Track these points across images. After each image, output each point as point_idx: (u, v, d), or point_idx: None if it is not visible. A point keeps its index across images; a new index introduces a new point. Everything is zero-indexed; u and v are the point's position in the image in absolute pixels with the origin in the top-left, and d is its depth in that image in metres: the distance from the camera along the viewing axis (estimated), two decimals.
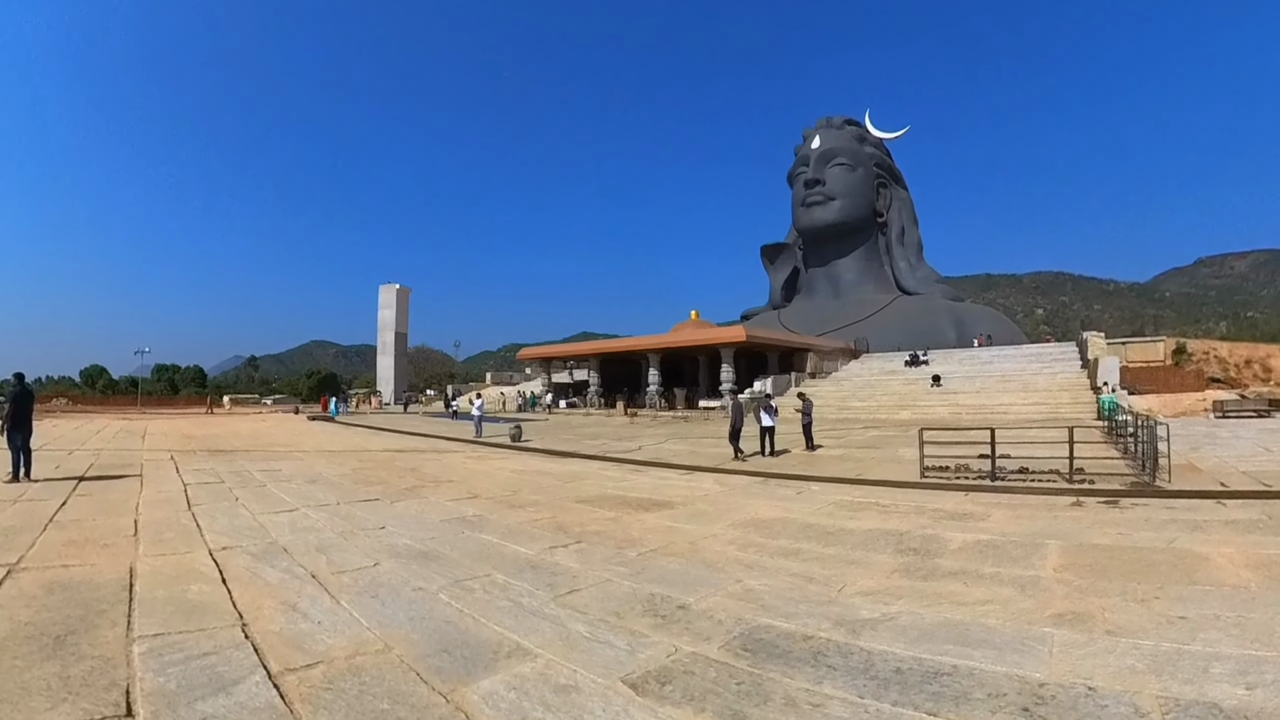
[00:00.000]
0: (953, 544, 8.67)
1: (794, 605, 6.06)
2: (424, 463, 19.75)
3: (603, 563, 7.69)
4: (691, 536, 9.24)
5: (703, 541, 8.92)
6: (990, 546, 8.46)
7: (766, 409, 20.49)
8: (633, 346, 53.89)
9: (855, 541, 8.92)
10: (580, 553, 8.22)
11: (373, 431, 35.65)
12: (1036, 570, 7.24)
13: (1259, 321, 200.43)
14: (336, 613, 5.73)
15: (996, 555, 8.01)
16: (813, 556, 8.09)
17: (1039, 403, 32.35)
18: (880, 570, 7.41)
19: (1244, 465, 14.96)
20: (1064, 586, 6.56)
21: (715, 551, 8.33)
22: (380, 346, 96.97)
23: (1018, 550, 8.22)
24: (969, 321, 67.71)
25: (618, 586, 6.69)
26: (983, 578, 6.99)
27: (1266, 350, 49.67)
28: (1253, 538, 8.52)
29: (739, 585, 6.75)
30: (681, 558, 7.99)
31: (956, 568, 7.45)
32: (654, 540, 8.97)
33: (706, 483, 15.24)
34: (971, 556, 7.99)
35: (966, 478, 14.41)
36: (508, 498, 12.90)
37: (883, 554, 8.17)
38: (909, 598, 6.30)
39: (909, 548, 8.49)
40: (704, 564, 7.67)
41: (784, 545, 8.73)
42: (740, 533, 9.53)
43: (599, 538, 9.14)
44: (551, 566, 7.50)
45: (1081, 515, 10.51)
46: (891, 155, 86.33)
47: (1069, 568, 7.30)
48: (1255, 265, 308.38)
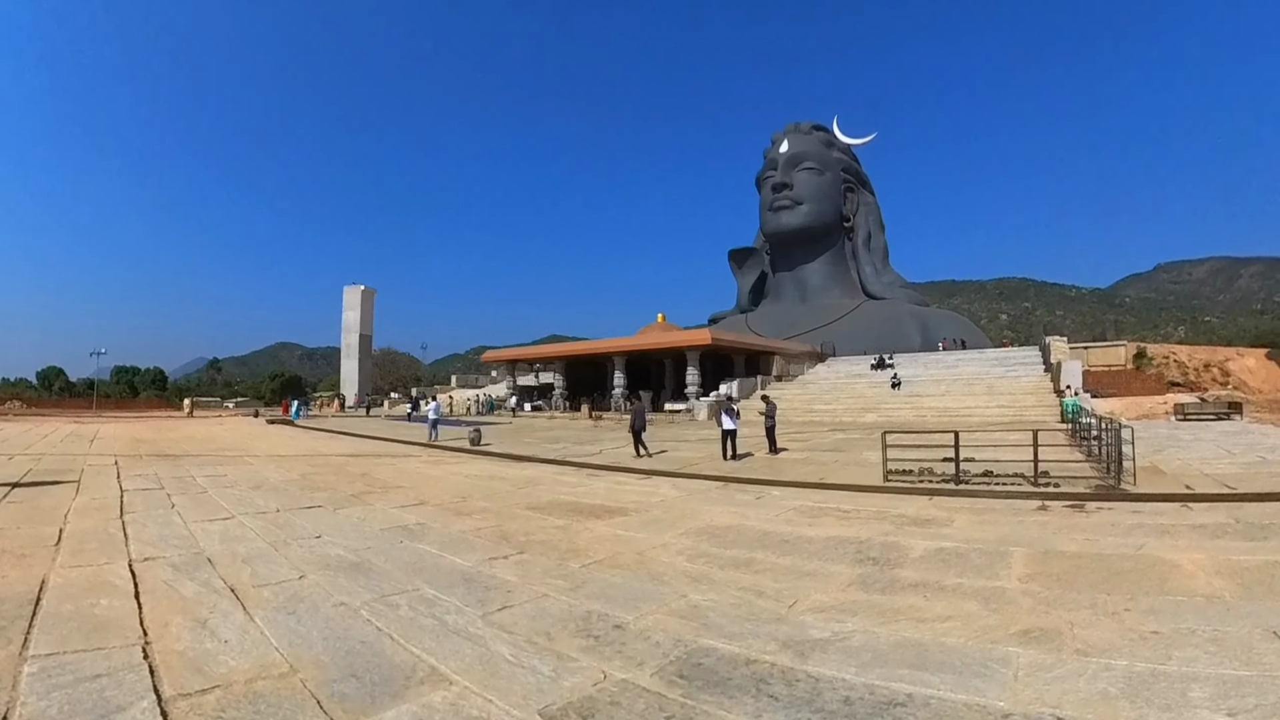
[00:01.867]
0: (914, 552, 8.24)
1: (740, 624, 5.62)
2: (377, 468, 19.15)
3: (542, 576, 7.24)
4: (641, 546, 8.80)
5: (651, 552, 8.48)
6: (953, 555, 8.04)
7: (728, 412, 20.04)
8: (598, 349, 53.33)
9: (812, 550, 8.48)
10: (520, 564, 7.78)
11: (331, 435, 34.91)
12: (1001, 581, 6.83)
13: (1215, 326, 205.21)
14: (247, 631, 5.33)
15: (960, 564, 7.58)
16: (766, 568, 7.64)
17: (1003, 406, 32.32)
18: (836, 582, 6.94)
19: (1207, 468, 14.78)
20: (1030, 599, 6.14)
21: (663, 563, 7.89)
22: (344, 349, 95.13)
23: (982, 559, 7.81)
24: (934, 326, 68.10)
25: (554, 603, 6.24)
26: (944, 590, 6.54)
27: (1224, 354, 50.50)
28: (1222, 543, 8.20)
29: (683, 601, 6.31)
30: (626, 570, 7.56)
31: (917, 579, 6.99)
32: (600, 550, 8.53)
33: (664, 488, 14.77)
34: (933, 566, 7.56)
35: (931, 481, 14.05)
36: (456, 504, 12.41)
37: (840, 564, 7.74)
38: (865, 614, 5.84)
39: (868, 557, 8.02)
40: (649, 577, 7.22)
41: (737, 555, 8.28)
42: (692, 542, 9.07)
43: (543, 548, 8.71)
44: (487, 580, 7.06)
45: (1047, 520, 10.16)
46: (859, 161, 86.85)
47: (1035, 577, 6.89)
48: (1212, 272, 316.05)
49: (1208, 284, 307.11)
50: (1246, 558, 7.37)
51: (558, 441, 27.10)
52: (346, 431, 36.75)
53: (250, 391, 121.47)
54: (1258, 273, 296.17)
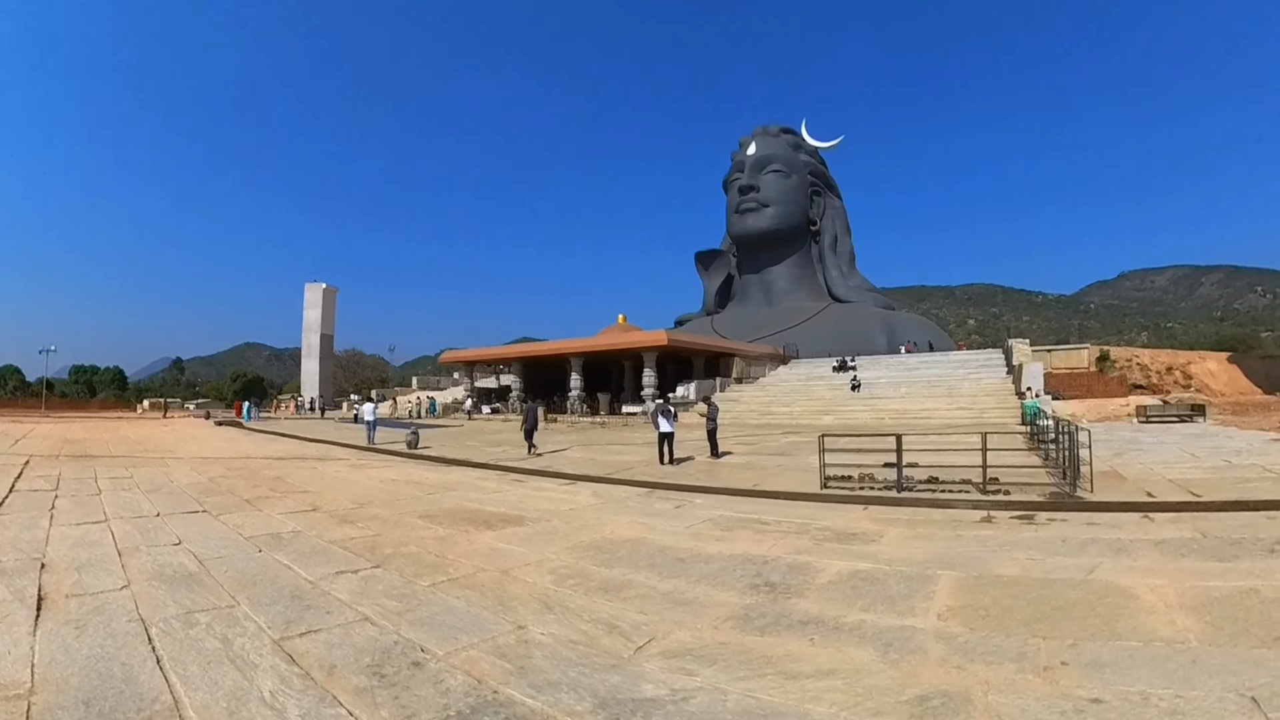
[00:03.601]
0: (823, 576, 6.94)
1: (565, 669, 4.58)
2: (296, 471, 18.18)
3: (380, 595, 6.42)
4: (514, 562, 7.84)
5: (521, 569, 7.48)
6: (868, 580, 6.74)
7: (665, 414, 18.75)
8: (555, 350, 51.78)
9: (704, 572, 7.26)
10: (366, 580, 6.98)
11: (273, 437, 33.62)
12: (915, 618, 5.53)
13: (1177, 332, 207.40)
14: (20, 644, 4.93)
15: (871, 593, 6.30)
16: (640, 593, 6.49)
17: (964, 408, 31.29)
18: (713, 616, 5.72)
19: (1170, 473, 13.68)
20: (944, 645, 4.82)
21: (525, 584, 6.90)
22: (305, 349, 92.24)
23: (901, 585, 6.52)
24: (899, 329, 67.28)
25: (367, 629, 5.39)
26: (840, 630, 5.25)
27: (1186, 358, 50.26)
28: (1187, 564, 6.95)
29: (516, 634, 5.31)
30: (478, 591, 6.60)
31: (813, 613, 5.73)
32: (465, 567, 7.59)
33: (584, 494, 13.72)
34: (839, 595, 6.27)
35: (872, 488, 12.82)
36: (349, 511, 11.57)
37: (729, 591, 6.52)
38: (726, 663, 4.60)
39: (766, 582, 6.75)
40: (497, 601, 6.24)
41: (614, 576, 7.18)
42: (573, 558, 8.03)
43: (405, 561, 7.86)
44: (317, 597, 6.33)
45: (990, 534, 8.89)
46: (826, 164, 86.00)
47: (958, 612, 5.60)
48: (1174, 279, 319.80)
49: (1170, 291, 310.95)
50: (1216, 584, 6.11)
51: (500, 445, 25.87)
52: (290, 434, 35.47)
53: (212, 392, 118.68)
54: (1218, 281, 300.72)
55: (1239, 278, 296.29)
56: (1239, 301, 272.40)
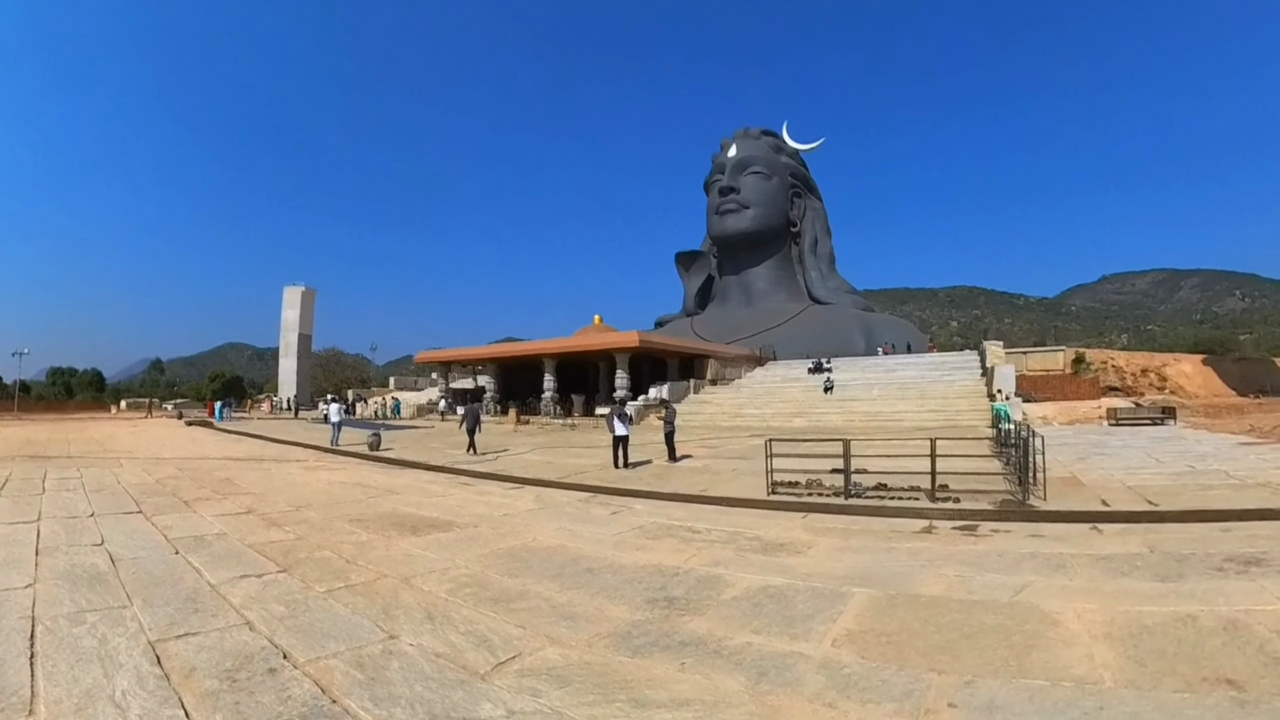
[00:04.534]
0: (731, 591, 6.47)
1: (414, 683, 4.41)
2: (246, 472, 18.05)
3: (272, 599, 6.34)
4: (421, 569, 7.64)
5: (423, 577, 7.24)
6: (775, 597, 6.22)
7: (620, 417, 18.16)
8: (530, 351, 51.08)
9: (608, 584, 6.91)
10: (266, 585, 6.89)
11: (239, 438, 33.35)
12: (809, 642, 5.02)
13: (1157, 334, 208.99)
14: None
15: (772, 612, 5.79)
16: (529, 605, 6.21)
17: (935, 410, 30.88)
18: (593, 632, 5.42)
19: (1131, 478, 13.24)
20: (825, 676, 4.30)
21: (421, 592, 6.68)
22: (283, 349, 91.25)
23: (808, 604, 6.00)
24: (878, 331, 67.10)
25: (242, 634, 5.36)
26: (720, 655, 4.80)
27: (1162, 360, 50.20)
28: (1126, 584, 6.41)
29: (384, 644, 5.15)
30: (369, 598, 6.42)
31: (701, 633, 5.32)
32: (369, 573, 7.43)
33: (525, 499, 13.29)
34: (738, 613, 5.81)
35: (820, 495, 12.28)
36: (283, 514, 11.44)
37: (624, 605, 6.17)
38: (581, 685, 4.34)
39: (667, 596, 6.34)
40: (383, 609, 6.06)
41: (513, 586, 6.89)
42: (481, 567, 7.73)
43: (314, 566, 7.75)
44: (210, 600, 6.29)
45: (926, 546, 8.34)
46: (807, 166, 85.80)
47: (857, 638, 5.08)
48: (1155, 283, 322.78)
49: (1150, 295, 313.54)
50: (1150, 609, 5.56)
51: (462, 447, 25.14)
52: (257, 434, 35.05)
53: (191, 393, 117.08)
54: (1197, 284, 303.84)
55: (1218, 281, 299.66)
56: (1218, 305, 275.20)
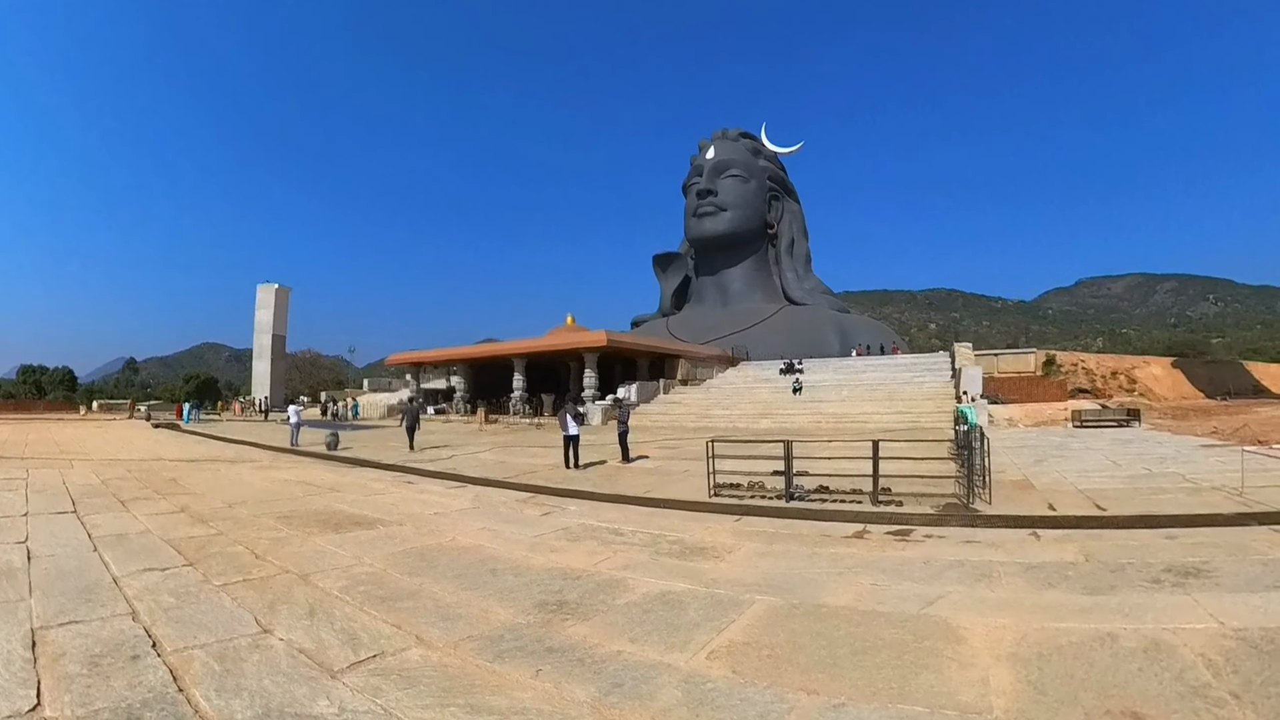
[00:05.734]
0: (628, 596, 6.25)
1: (265, 677, 4.38)
2: (195, 473, 17.88)
3: (166, 591, 6.32)
4: (326, 565, 7.56)
5: (323, 574, 7.15)
6: (670, 604, 5.92)
7: (574, 416, 17.67)
8: (499, 351, 50.51)
9: (507, 585, 6.73)
10: (166, 578, 6.88)
11: (202, 439, 33.12)
12: (683, 653, 4.76)
13: (1132, 338, 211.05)
14: None
15: (660, 620, 5.52)
16: (416, 605, 6.07)
17: (902, 412, 30.55)
18: (467, 633, 5.29)
19: (1085, 482, 12.88)
20: (683, 692, 4.03)
21: (315, 588, 6.60)
22: (256, 350, 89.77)
23: (701, 611, 5.67)
24: (853, 332, 66.91)
25: (122, 623, 5.40)
26: (585, 663, 4.62)
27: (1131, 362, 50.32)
28: (1050, 597, 5.95)
29: (254, 637, 5.14)
30: (260, 592, 6.38)
31: (576, 639, 5.12)
32: (273, 568, 7.39)
33: (463, 499, 13.09)
34: (625, 620, 5.57)
35: (764, 497, 11.84)
36: (215, 511, 11.35)
37: (512, 607, 5.99)
38: (428, 686, 4.23)
39: (560, 600, 6.14)
40: (269, 604, 6.01)
41: (409, 585, 6.75)
42: (386, 565, 7.60)
43: (221, 560, 7.72)
44: (106, 592, 6.28)
45: (852, 552, 7.88)
46: (785, 169, 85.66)
47: (738, 650, 4.74)
48: (1130, 287, 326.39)
49: (1126, 298, 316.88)
50: (1069, 625, 5.11)
51: (420, 448, 24.66)
52: (222, 436, 34.76)
53: (165, 394, 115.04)
54: (1172, 289, 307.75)
55: (1192, 286, 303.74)
56: (1192, 309, 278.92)
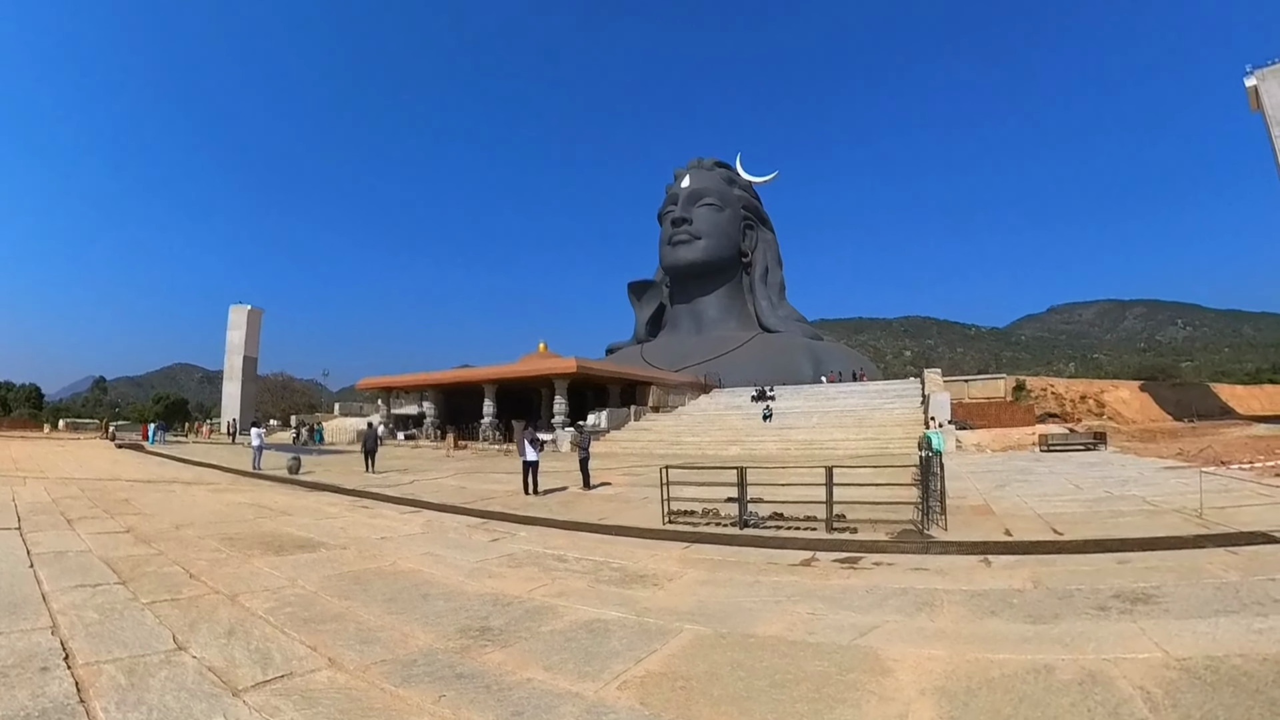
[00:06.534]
0: (556, 623, 6.08)
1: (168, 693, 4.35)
2: (149, 493, 17.63)
3: (92, 608, 6.24)
4: (259, 586, 7.46)
5: (253, 595, 7.05)
6: (596, 632, 5.80)
7: (532, 442, 17.45)
8: (470, 377, 50.04)
9: (436, 610, 6.60)
10: (94, 594, 6.78)
11: (164, 460, 32.59)
12: (593, 683, 4.57)
13: (1103, 363, 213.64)
14: None
15: (581, 648, 5.35)
16: (340, 627, 5.96)
17: (871, 438, 30.44)
18: (382, 656, 5.20)
19: (1045, 506, 12.77)
20: None
21: (241, 608, 6.51)
22: (227, 371, 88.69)
23: (627, 640, 5.53)
24: (826, 359, 67.00)
25: (40, 637, 5.36)
26: (491, 690, 4.50)
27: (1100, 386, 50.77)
28: (991, 626, 5.73)
29: (167, 654, 5.09)
30: (185, 611, 6.29)
31: (490, 666, 4.98)
32: (204, 588, 7.29)
33: (414, 524, 12.92)
34: (546, 647, 5.42)
35: (719, 524, 11.61)
36: (160, 532, 11.13)
37: (434, 631, 5.86)
38: (325, 707, 4.18)
39: (485, 626, 6.00)
40: (191, 622, 5.94)
41: (337, 608, 6.63)
42: (319, 587, 7.48)
43: (154, 580, 7.59)
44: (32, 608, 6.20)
45: (795, 580, 7.64)
46: (760, 199, 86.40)
47: (652, 681, 4.59)
48: (1100, 313, 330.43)
49: (1096, 324, 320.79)
50: (1005, 657, 4.87)
51: (384, 473, 24.38)
52: (185, 457, 34.18)
53: (134, 414, 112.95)
54: (1141, 314, 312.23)
55: (1161, 311, 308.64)
56: (1161, 334, 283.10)
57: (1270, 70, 41.44)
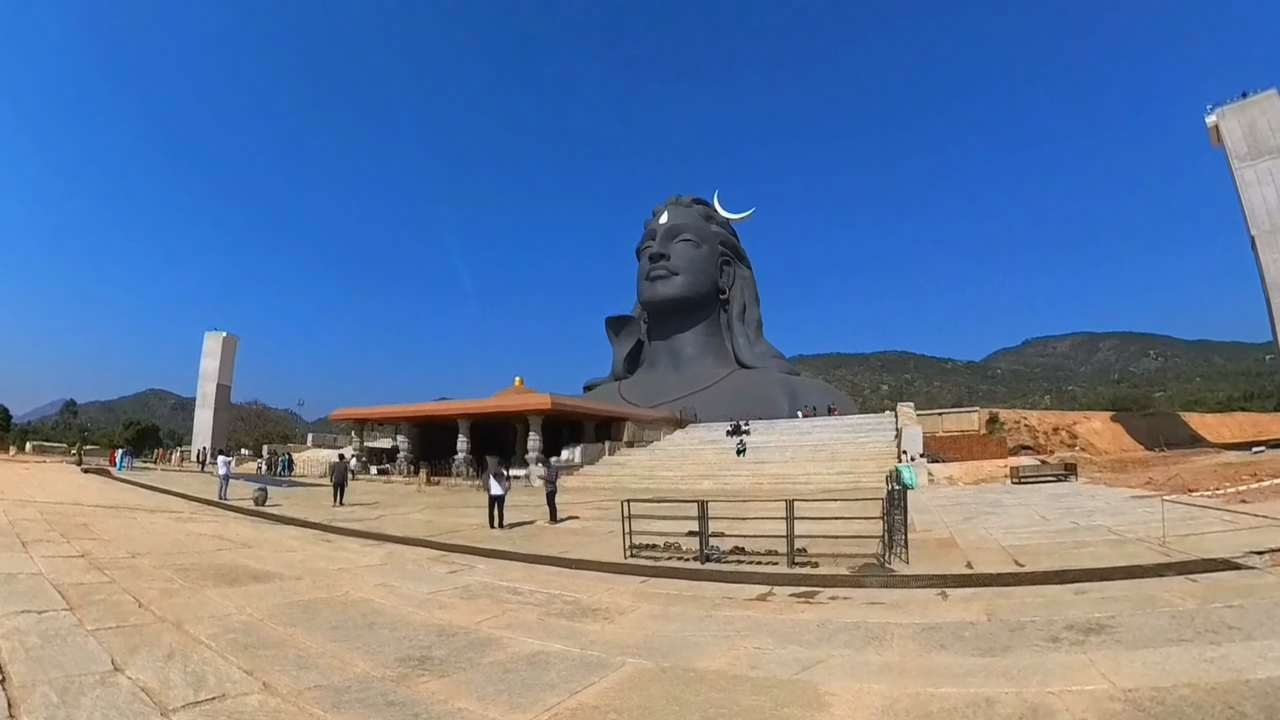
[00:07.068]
0: (499, 654, 6.07)
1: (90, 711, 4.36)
2: (109, 519, 17.40)
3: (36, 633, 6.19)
4: (207, 614, 7.40)
5: (199, 622, 7.00)
6: (536, 664, 5.80)
7: (497, 476, 17.34)
8: (444, 411, 49.61)
9: (380, 639, 6.60)
10: (41, 619, 6.73)
11: (129, 487, 31.86)
12: (524, 714, 4.61)
13: (1078, 394, 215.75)
14: None
15: (520, 680, 5.34)
16: (277, 654, 5.93)
17: (844, 472, 30.37)
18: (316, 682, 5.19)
19: (1010, 538, 12.74)
20: None
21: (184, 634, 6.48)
22: (200, 398, 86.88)
23: (565, 672, 5.49)
24: (802, 394, 67.23)
25: None
26: (419, 716, 4.56)
27: (1073, 418, 51.21)
28: (937, 660, 5.64)
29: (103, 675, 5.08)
30: (130, 637, 6.25)
31: (422, 695, 4.96)
32: (152, 616, 7.19)
33: (374, 556, 12.82)
34: (483, 678, 5.40)
35: (681, 558, 11.49)
36: (115, 559, 10.97)
37: (373, 660, 5.86)
38: None
39: (427, 655, 5.98)
40: (132, 646, 5.89)
41: (280, 635, 6.66)
42: (265, 616, 7.44)
43: (104, 607, 7.48)
44: None
45: (748, 615, 7.52)
46: (737, 235, 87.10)
47: (582, 714, 4.63)
48: (1074, 346, 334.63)
49: (1070, 356, 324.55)
50: (946, 690, 4.77)
51: (355, 507, 24.03)
52: (151, 485, 33.38)
53: (104, 439, 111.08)
54: (1114, 345, 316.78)
55: (1133, 342, 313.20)
56: (1134, 365, 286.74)
57: (1229, 108, 42.58)
